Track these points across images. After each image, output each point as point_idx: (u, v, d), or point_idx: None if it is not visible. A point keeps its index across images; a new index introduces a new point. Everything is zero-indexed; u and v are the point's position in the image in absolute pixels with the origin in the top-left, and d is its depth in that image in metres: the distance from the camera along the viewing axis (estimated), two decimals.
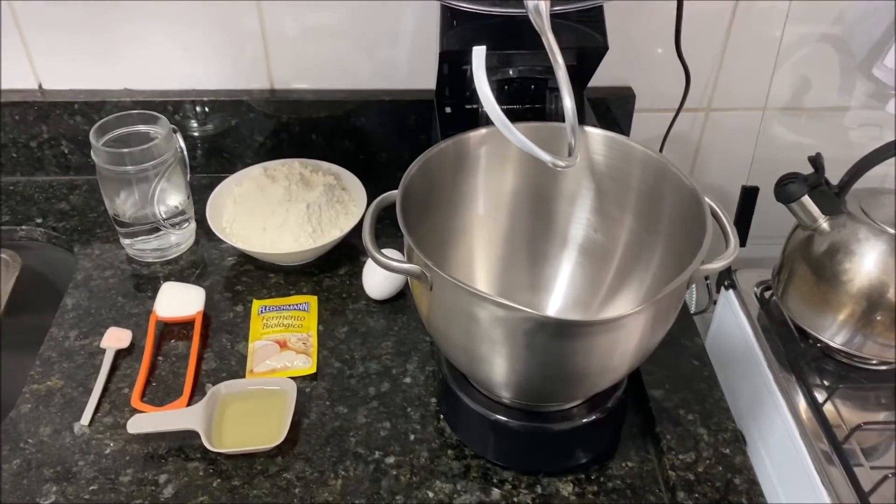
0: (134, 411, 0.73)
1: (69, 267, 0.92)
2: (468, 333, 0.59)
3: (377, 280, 0.84)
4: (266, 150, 1.02)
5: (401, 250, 0.84)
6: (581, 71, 0.77)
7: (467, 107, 0.80)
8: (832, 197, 0.86)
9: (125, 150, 0.82)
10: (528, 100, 0.75)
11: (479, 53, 0.60)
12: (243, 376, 0.77)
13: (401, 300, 0.85)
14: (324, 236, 0.87)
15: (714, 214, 0.61)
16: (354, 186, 0.93)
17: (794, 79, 1.00)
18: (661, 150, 0.96)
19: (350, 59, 0.98)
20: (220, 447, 0.68)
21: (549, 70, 0.73)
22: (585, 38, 0.71)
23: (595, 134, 0.66)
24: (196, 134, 1.00)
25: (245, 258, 0.90)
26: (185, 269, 0.89)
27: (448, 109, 0.80)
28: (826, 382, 0.90)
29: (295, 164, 0.94)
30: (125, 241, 0.90)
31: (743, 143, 1.05)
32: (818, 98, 1.02)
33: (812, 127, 1.04)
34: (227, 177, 0.96)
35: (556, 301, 0.73)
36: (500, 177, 0.71)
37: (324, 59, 0.98)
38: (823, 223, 0.87)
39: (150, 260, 0.90)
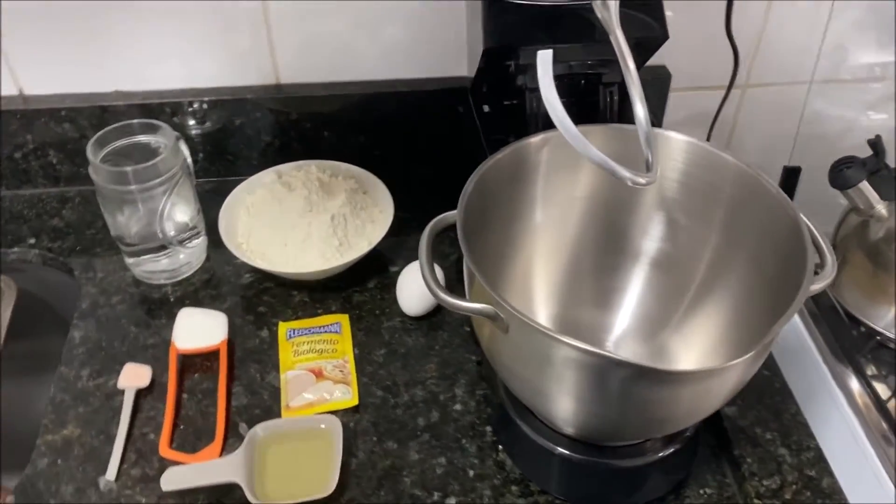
0: (163, 461, 0.67)
1: (70, 289, 0.84)
2: (544, 375, 0.53)
3: (413, 295, 0.78)
4: (274, 150, 0.94)
5: (441, 264, 0.78)
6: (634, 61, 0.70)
7: (506, 103, 0.73)
8: (892, 182, 0.81)
9: (128, 168, 0.74)
10: (577, 96, 0.68)
11: (545, 59, 0.53)
12: (278, 412, 0.70)
13: (438, 315, 0.79)
14: (352, 250, 0.80)
15: (808, 231, 0.55)
16: (377, 190, 0.85)
17: (840, 51, 0.94)
18: (710, 135, 0.89)
19: (363, 48, 0.89)
20: (266, 499, 0.62)
21: (603, 64, 0.66)
22: (644, 27, 0.64)
23: (675, 139, 0.60)
24: (197, 136, 0.92)
25: (264, 274, 0.83)
26: (199, 290, 0.82)
27: (486, 108, 0.73)
28: (884, 373, 0.86)
29: (312, 168, 0.86)
30: (130, 261, 0.82)
31: (784, 120, 0.99)
32: (867, 70, 0.95)
33: (857, 100, 0.98)
34: (232, 180, 0.88)
35: (624, 320, 0.67)
36: (561, 184, 0.64)
37: (333, 48, 0.89)
38: (882, 209, 0.82)
39: (161, 282, 0.82)
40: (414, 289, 0.78)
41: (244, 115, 0.91)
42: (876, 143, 0.81)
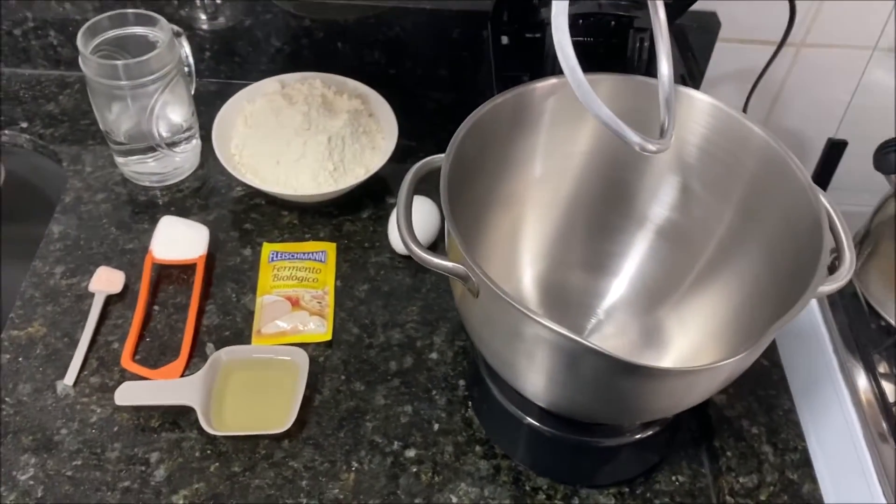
0: (124, 372, 0.65)
1: (59, 177, 0.81)
2: (517, 352, 0.49)
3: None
4: (283, 56, 0.88)
5: (432, 197, 0.73)
6: (673, 7, 0.63)
7: (528, 35, 0.66)
8: None
9: (119, 61, 0.69)
10: (604, 37, 0.61)
11: (560, 6, 0.47)
12: (248, 336, 0.68)
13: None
14: (346, 176, 0.75)
15: (831, 225, 0.49)
16: (384, 113, 0.80)
17: None
18: (751, 94, 0.81)
19: None
20: (221, 428, 0.60)
21: (637, 5, 0.59)
22: None
23: (700, 101, 0.53)
24: (205, 32, 0.86)
25: (255, 189, 0.79)
26: (187, 198, 0.79)
27: (505, 39, 0.66)
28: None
29: (317, 82, 0.81)
30: (119, 160, 0.78)
31: (837, 87, 0.91)
32: None
33: None
34: (237, 84, 0.84)
35: (619, 288, 0.62)
36: (565, 136, 0.59)
37: None
38: None
39: (149, 184, 0.79)
40: None
41: (255, 15, 0.85)
42: None
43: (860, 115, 0.90)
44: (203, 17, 0.86)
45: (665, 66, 0.50)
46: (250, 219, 0.77)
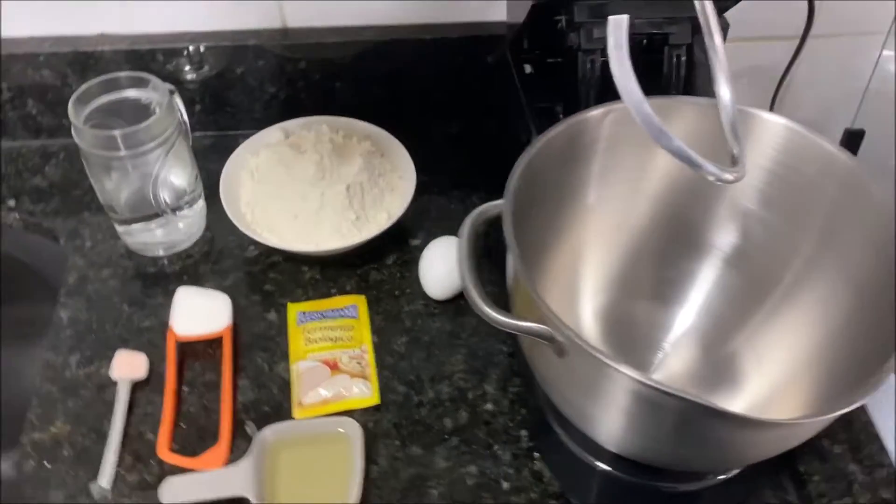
0: (162, 464, 0.60)
1: (57, 255, 0.76)
2: (605, 407, 0.45)
3: (438, 276, 0.69)
4: (279, 102, 0.84)
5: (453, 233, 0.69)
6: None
7: (549, 60, 0.63)
8: None
9: (117, 130, 0.64)
10: (637, 56, 0.58)
11: (618, 26, 0.44)
12: (289, 408, 0.63)
13: (464, 298, 0.71)
14: (370, 224, 0.71)
15: None
16: (396, 152, 0.76)
17: None
18: (776, 96, 0.79)
19: None
20: None
21: (671, 21, 0.57)
22: None
23: (772, 123, 0.51)
24: (193, 84, 0.82)
25: (270, 246, 0.75)
26: (199, 264, 0.74)
27: (528, 68, 0.63)
28: None
29: (323, 127, 0.77)
30: (121, 230, 0.73)
31: (850, 76, 0.89)
32: None
33: None
34: (232, 135, 0.80)
35: (686, 320, 0.59)
36: (622, 162, 0.56)
37: None
38: None
39: (157, 253, 0.74)
40: (440, 269, 0.69)
41: (246, 62, 0.80)
42: None
43: (877, 104, 0.89)
44: (188, 67, 0.81)
45: (725, 90, 0.47)
46: (269, 279, 0.73)
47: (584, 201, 0.57)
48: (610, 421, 0.46)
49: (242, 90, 0.83)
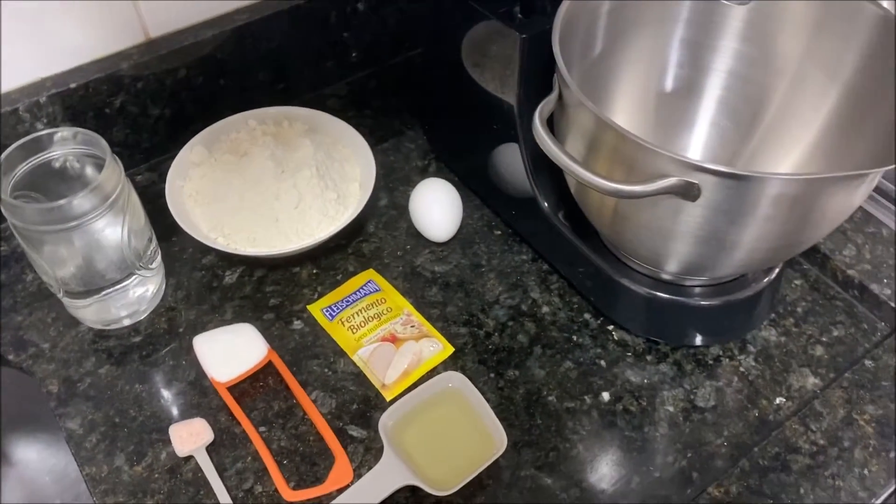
0: None
1: (10, 373, 0.65)
2: (740, 224, 0.50)
3: (437, 219, 0.70)
4: (165, 121, 0.76)
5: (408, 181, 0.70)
6: None
7: None
8: None
9: (62, 201, 0.55)
10: None
11: None
12: (376, 395, 0.61)
13: (462, 231, 0.72)
14: (349, 197, 0.69)
15: None
16: (327, 123, 0.74)
17: None
18: None
19: None
20: (449, 486, 0.54)
21: None
22: None
23: None
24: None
25: (248, 263, 0.69)
26: (185, 311, 0.67)
27: None
28: None
29: (250, 122, 0.72)
30: (82, 311, 0.64)
31: None
32: None
33: None
34: (142, 174, 0.72)
35: (698, 147, 0.66)
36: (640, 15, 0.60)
37: None
38: None
39: (137, 319, 0.65)
40: (435, 212, 0.70)
41: (123, 89, 0.72)
42: None
43: None
44: (69, 120, 0.71)
45: None
46: (268, 293, 0.68)
47: (598, 53, 0.60)
48: (744, 236, 0.51)
49: (127, 123, 0.74)
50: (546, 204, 0.66)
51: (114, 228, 0.60)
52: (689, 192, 0.47)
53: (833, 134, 0.58)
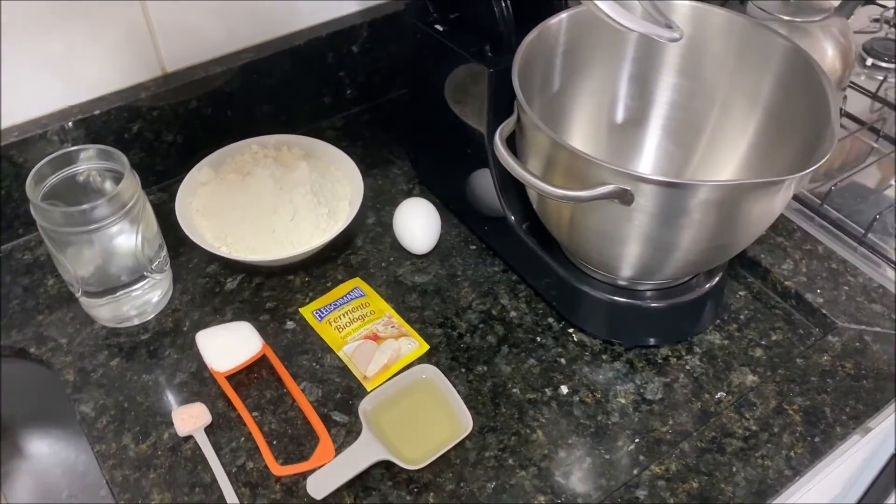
0: (280, 480, 0.62)
1: (29, 370, 0.72)
2: (672, 227, 0.57)
3: (417, 233, 0.78)
4: (177, 147, 0.85)
5: (394, 202, 0.78)
6: None
7: (451, 17, 0.74)
8: (739, 7, 0.95)
9: (84, 206, 0.64)
10: None
11: None
12: (358, 386, 0.68)
13: (441, 245, 0.80)
14: (340, 213, 0.77)
15: None
16: (321, 148, 0.82)
17: None
18: None
19: (240, 10, 0.83)
20: (419, 462, 0.61)
21: None
22: None
23: (679, 6, 0.66)
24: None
25: (248, 271, 0.77)
26: (190, 312, 0.74)
27: (439, 27, 0.72)
28: None
29: (253, 146, 0.80)
30: (97, 310, 0.71)
31: None
32: None
33: None
34: (154, 194, 0.80)
35: (647, 168, 0.74)
36: (586, 55, 0.69)
37: (211, 18, 0.82)
38: None
39: (146, 318, 0.73)
40: (415, 227, 0.78)
41: (141, 118, 0.81)
42: None
43: None
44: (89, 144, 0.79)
45: None
46: (265, 297, 0.75)
47: (556, 90, 0.69)
48: (681, 238, 0.58)
49: (142, 147, 0.82)
50: (513, 219, 0.73)
51: (128, 235, 0.68)
52: (624, 197, 0.55)
53: (759, 151, 0.67)
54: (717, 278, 0.71)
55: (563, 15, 0.66)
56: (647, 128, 0.73)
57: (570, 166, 0.58)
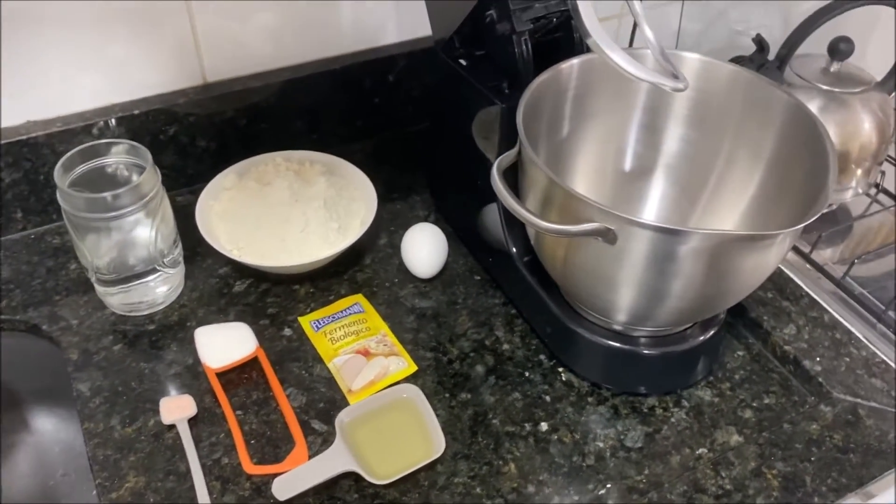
0: (251, 478, 0.64)
1: (41, 346, 0.76)
2: (661, 273, 0.58)
3: (423, 257, 0.79)
4: (210, 153, 0.89)
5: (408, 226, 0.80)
6: None
7: (478, 53, 0.76)
8: (776, 72, 0.96)
9: (107, 193, 0.68)
10: (551, 33, 0.73)
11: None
12: (342, 398, 0.70)
13: (446, 272, 0.81)
14: (350, 229, 0.79)
15: None
16: (343, 168, 0.85)
17: None
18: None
19: (288, 30, 0.87)
20: (385, 478, 0.62)
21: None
22: None
23: (688, 58, 0.67)
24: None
25: (257, 277, 0.80)
26: (196, 309, 0.77)
27: (463, 62, 0.75)
28: None
29: (277, 159, 0.84)
30: (110, 297, 0.75)
31: None
32: None
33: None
34: (183, 196, 0.84)
35: (650, 215, 0.75)
36: (592, 101, 0.71)
37: (258, 35, 0.86)
38: None
39: (156, 308, 0.76)
40: (422, 251, 0.79)
41: (177, 121, 0.85)
42: (760, 41, 0.94)
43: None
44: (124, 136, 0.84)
45: (648, 31, 0.62)
46: (268, 304, 0.78)
47: (566, 134, 0.71)
48: (669, 286, 0.58)
49: (176, 150, 0.87)
50: (516, 252, 0.74)
51: (144, 227, 0.71)
52: (607, 235, 0.55)
53: (760, 203, 0.67)
54: (712, 332, 0.70)
55: (575, 60, 0.67)
56: (652, 176, 0.73)
57: (564, 204, 0.59)
